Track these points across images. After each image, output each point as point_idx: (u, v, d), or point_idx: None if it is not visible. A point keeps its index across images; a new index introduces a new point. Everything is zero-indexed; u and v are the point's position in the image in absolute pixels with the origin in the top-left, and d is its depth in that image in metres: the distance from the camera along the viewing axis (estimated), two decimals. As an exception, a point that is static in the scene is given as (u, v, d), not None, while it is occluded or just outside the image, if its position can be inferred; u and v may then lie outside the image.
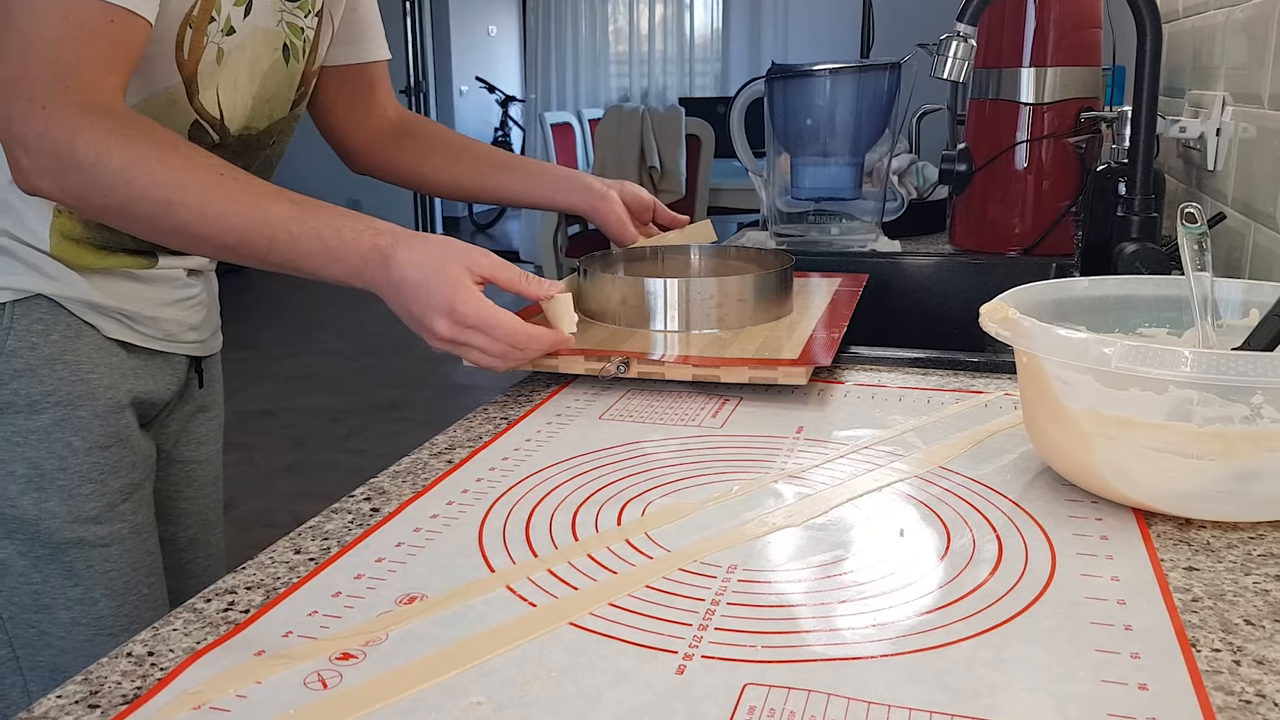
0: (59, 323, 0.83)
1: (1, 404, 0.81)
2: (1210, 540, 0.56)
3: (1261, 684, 0.43)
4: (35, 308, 0.82)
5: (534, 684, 0.43)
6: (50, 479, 0.83)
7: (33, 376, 0.82)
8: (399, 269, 0.75)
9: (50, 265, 0.82)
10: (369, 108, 1.07)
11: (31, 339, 0.82)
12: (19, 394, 0.81)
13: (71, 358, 0.83)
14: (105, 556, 0.85)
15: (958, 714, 0.41)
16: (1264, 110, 1.06)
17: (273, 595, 0.51)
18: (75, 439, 0.83)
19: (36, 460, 0.82)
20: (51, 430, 0.82)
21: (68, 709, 0.42)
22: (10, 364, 0.81)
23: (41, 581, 0.83)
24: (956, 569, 0.53)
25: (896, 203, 1.55)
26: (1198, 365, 0.53)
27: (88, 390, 0.84)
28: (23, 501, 0.82)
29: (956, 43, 1.02)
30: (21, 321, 0.81)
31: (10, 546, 0.82)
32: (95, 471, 0.84)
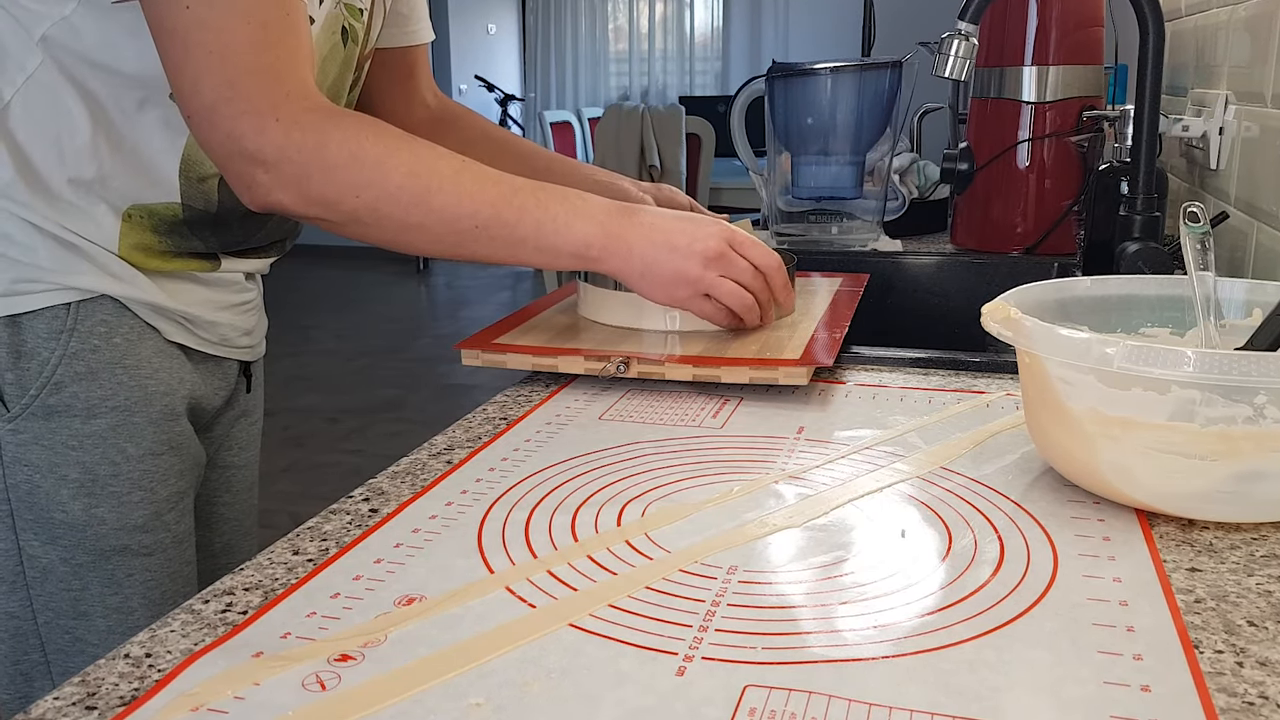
0: (122, 325, 0.82)
1: (59, 407, 0.80)
2: (1213, 541, 0.56)
3: (1264, 685, 0.43)
4: (100, 309, 0.81)
5: (533, 685, 0.43)
6: (102, 485, 0.82)
7: (93, 380, 0.81)
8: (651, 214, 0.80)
9: (118, 266, 0.81)
10: (409, 93, 1.06)
11: (94, 341, 0.81)
12: (78, 397, 0.80)
13: (132, 362, 0.82)
14: (146, 566, 0.84)
15: (959, 715, 0.41)
16: (1267, 109, 1.06)
17: (271, 596, 0.51)
18: (130, 445, 0.82)
19: (90, 465, 0.81)
20: (107, 436, 0.81)
21: (65, 710, 0.42)
22: (71, 367, 0.80)
23: (81, 588, 0.82)
24: (958, 570, 0.53)
25: (898, 202, 1.55)
26: (1201, 365, 0.53)
27: (145, 396, 0.83)
28: (73, 507, 0.81)
29: (958, 41, 1.03)
30: (85, 323, 0.80)
31: (54, 552, 0.81)
32: (146, 479, 0.84)
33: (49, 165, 0.78)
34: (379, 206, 0.74)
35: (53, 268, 0.79)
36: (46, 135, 0.78)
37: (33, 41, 0.77)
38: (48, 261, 0.79)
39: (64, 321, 0.80)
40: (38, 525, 0.81)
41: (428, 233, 0.76)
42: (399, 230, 0.76)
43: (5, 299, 0.78)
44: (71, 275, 0.80)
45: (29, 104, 0.78)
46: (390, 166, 0.74)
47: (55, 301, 0.79)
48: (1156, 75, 1.04)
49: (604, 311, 0.94)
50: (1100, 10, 1.35)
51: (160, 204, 0.82)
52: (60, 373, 0.79)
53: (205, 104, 0.71)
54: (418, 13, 1.02)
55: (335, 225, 0.77)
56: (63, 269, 0.79)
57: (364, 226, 0.76)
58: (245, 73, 0.70)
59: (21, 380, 0.79)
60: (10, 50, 0.77)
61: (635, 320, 0.91)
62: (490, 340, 0.88)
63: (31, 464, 0.80)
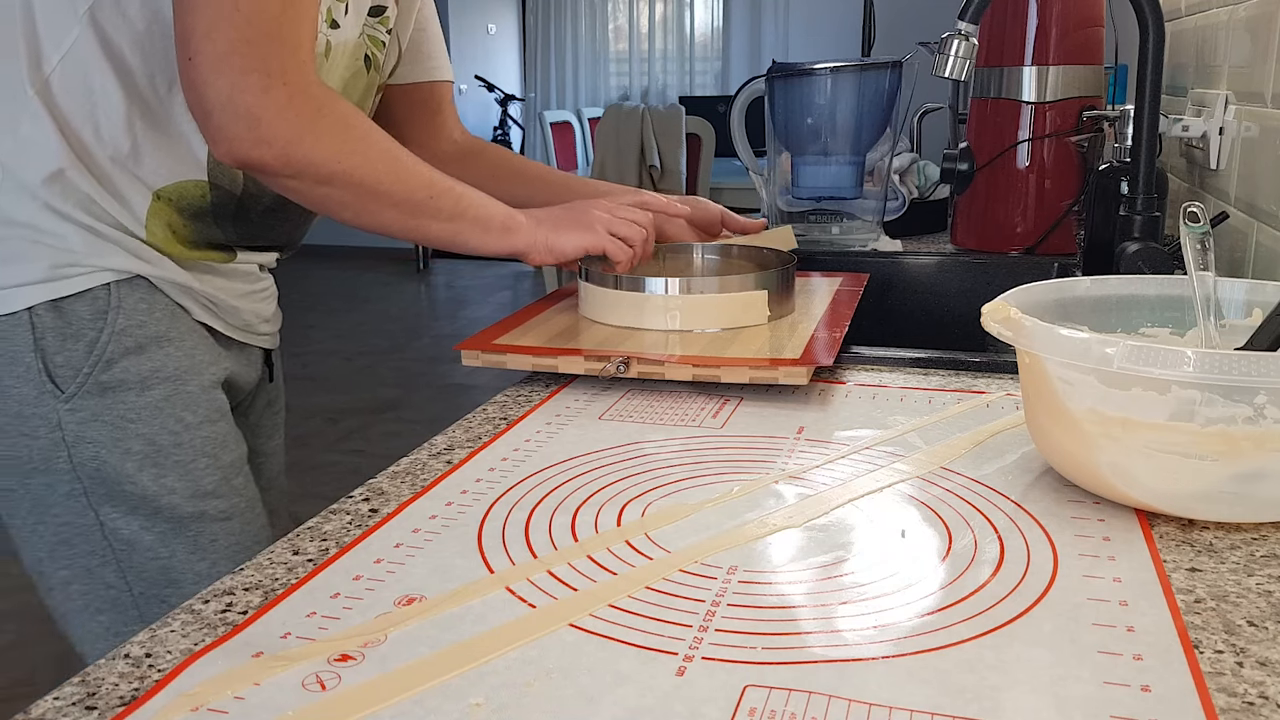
0: (158, 303, 0.86)
1: (113, 383, 0.83)
2: (1213, 541, 0.56)
3: (1264, 685, 0.43)
4: (137, 288, 0.85)
5: (533, 685, 0.43)
6: (166, 455, 0.85)
7: (141, 354, 0.84)
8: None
9: (145, 250, 0.85)
10: (435, 129, 1.11)
11: (139, 317, 0.84)
12: (130, 371, 0.83)
13: (176, 335, 0.87)
14: (228, 530, 0.88)
15: (959, 715, 0.41)
16: (1267, 109, 1.06)
17: (271, 596, 0.51)
18: (187, 414, 0.86)
19: (151, 436, 0.84)
20: (163, 406, 0.85)
21: (65, 710, 0.42)
22: (121, 342, 0.83)
23: (169, 556, 0.85)
24: (958, 570, 0.53)
25: (898, 202, 1.55)
26: (1201, 365, 0.53)
27: (193, 365, 0.87)
28: (141, 478, 0.84)
29: (958, 41, 1.02)
30: (128, 300, 0.84)
31: (134, 522, 0.84)
32: (208, 445, 0.87)
33: (89, 141, 0.82)
34: (356, 172, 0.79)
35: (86, 251, 0.82)
36: (83, 110, 0.81)
37: (77, 15, 0.80)
38: (80, 246, 0.82)
39: (105, 301, 0.83)
40: (112, 499, 0.84)
41: (390, 199, 0.82)
42: (366, 195, 0.81)
43: (46, 285, 0.81)
44: (105, 257, 0.83)
45: (66, 78, 0.81)
46: (373, 139, 0.81)
47: (94, 283, 0.83)
48: (1156, 75, 1.03)
49: (604, 311, 0.94)
50: (1100, 10, 1.35)
51: (190, 181, 0.86)
52: (110, 349, 0.83)
53: (217, 51, 0.73)
54: (438, 52, 1.09)
55: (302, 187, 0.80)
56: (95, 252, 0.83)
57: (331, 188, 0.80)
58: (265, 36, 0.74)
59: (72, 361, 0.82)
60: (53, 23, 0.81)
61: (635, 320, 0.91)
62: (490, 341, 0.88)
63: (94, 440, 0.83)
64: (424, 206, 0.84)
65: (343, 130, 0.79)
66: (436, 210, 0.85)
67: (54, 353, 0.82)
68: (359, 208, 0.83)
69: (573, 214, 0.93)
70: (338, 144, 0.78)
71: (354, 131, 0.80)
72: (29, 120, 0.81)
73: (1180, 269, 0.72)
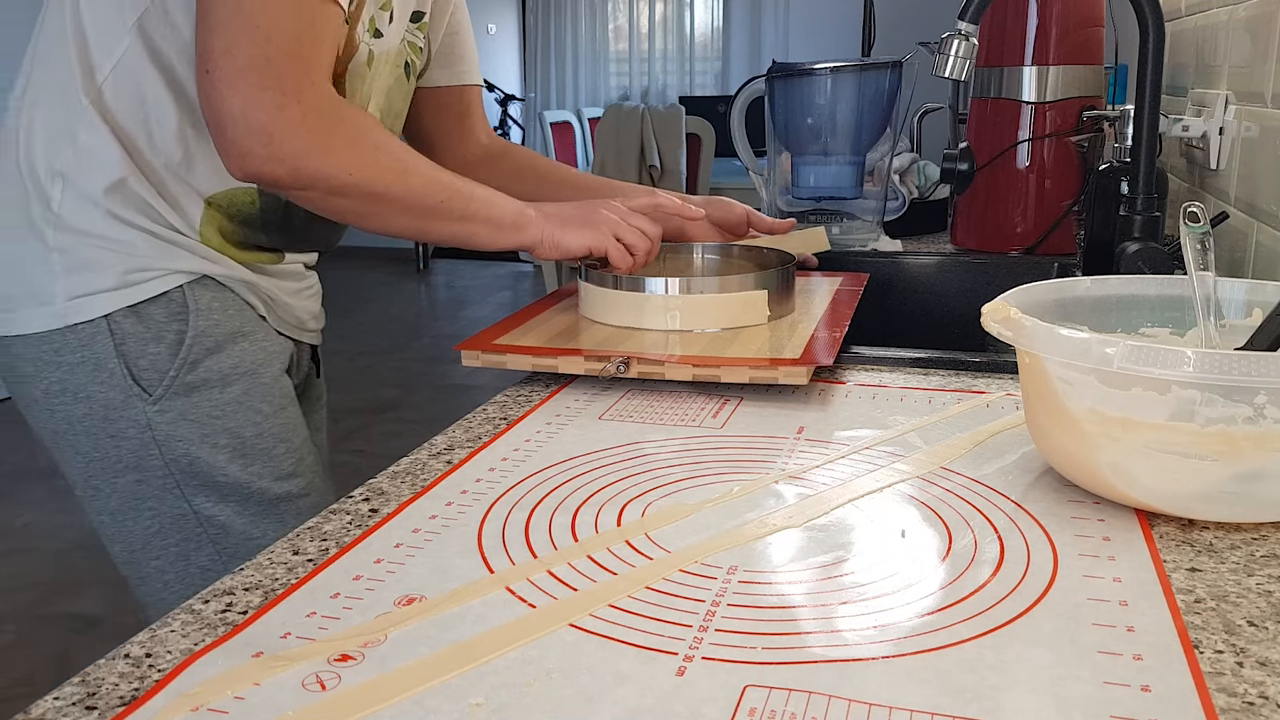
0: (227, 300, 0.90)
1: (198, 382, 0.87)
2: (1213, 541, 0.56)
3: (1264, 685, 0.43)
4: (207, 288, 0.88)
5: (533, 685, 0.43)
6: (250, 445, 0.89)
7: (220, 352, 0.88)
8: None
9: (206, 251, 0.88)
10: (462, 132, 1.13)
11: (213, 317, 0.88)
12: (211, 370, 0.87)
13: (248, 329, 0.91)
14: (311, 505, 0.93)
15: (959, 715, 0.41)
16: (1267, 109, 1.06)
17: (271, 596, 0.51)
18: (264, 405, 0.91)
19: (235, 430, 0.89)
20: (243, 400, 0.89)
21: (65, 710, 0.42)
22: (202, 344, 0.87)
23: (261, 535, 0.89)
24: (958, 570, 0.53)
25: (898, 202, 1.55)
26: (1201, 365, 0.53)
27: (265, 358, 0.92)
28: (230, 469, 0.88)
29: (958, 41, 1.02)
30: (200, 301, 0.87)
31: (227, 509, 0.89)
32: (284, 431, 0.92)
33: (144, 149, 0.84)
34: (366, 183, 0.81)
35: (154, 255, 0.85)
36: (137, 118, 0.83)
37: (126, 26, 0.82)
38: (147, 251, 0.85)
39: (181, 303, 0.86)
40: (205, 490, 0.88)
41: (400, 206, 0.85)
42: (377, 204, 0.84)
43: (122, 291, 0.84)
44: (173, 260, 0.86)
45: (118, 88, 0.83)
46: (384, 150, 0.83)
47: (168, 286, 0.86)
48: (1156, 75, 1.03)
49: (604, 311, 0.94)
50: (1100, 10, 1.35)
51: (239, 189, 0.88)
52: (194, 352, 0.86)
53: (235, 67, 0.75)
54: (469, 56, 1.10)
55: (315, 197, 0.82)
56: (163, 256, 0.86)
57: (343, 199, 0.82)
58: (283, 54, 0.76)
59: (156, 364, 0.85)
60: (103, 34, 0.83)
61: (635, 320, 0.91)
62: (490, 341, 0.88)
63: (184, 438, 0.87)
64: (435, 210, 0.86)
65: (353, 144, 0.80)
66: (447, 213, 0.87)
67: (137, 356, 0.85)
68: (371, 215, 0.85)
69: (582, 213, 0.94)
70: (348, 157, 0.80)
71: (364, 144, 0.81)
72: (86, 130, 0.83)
73: (1180, 269, 0.72)
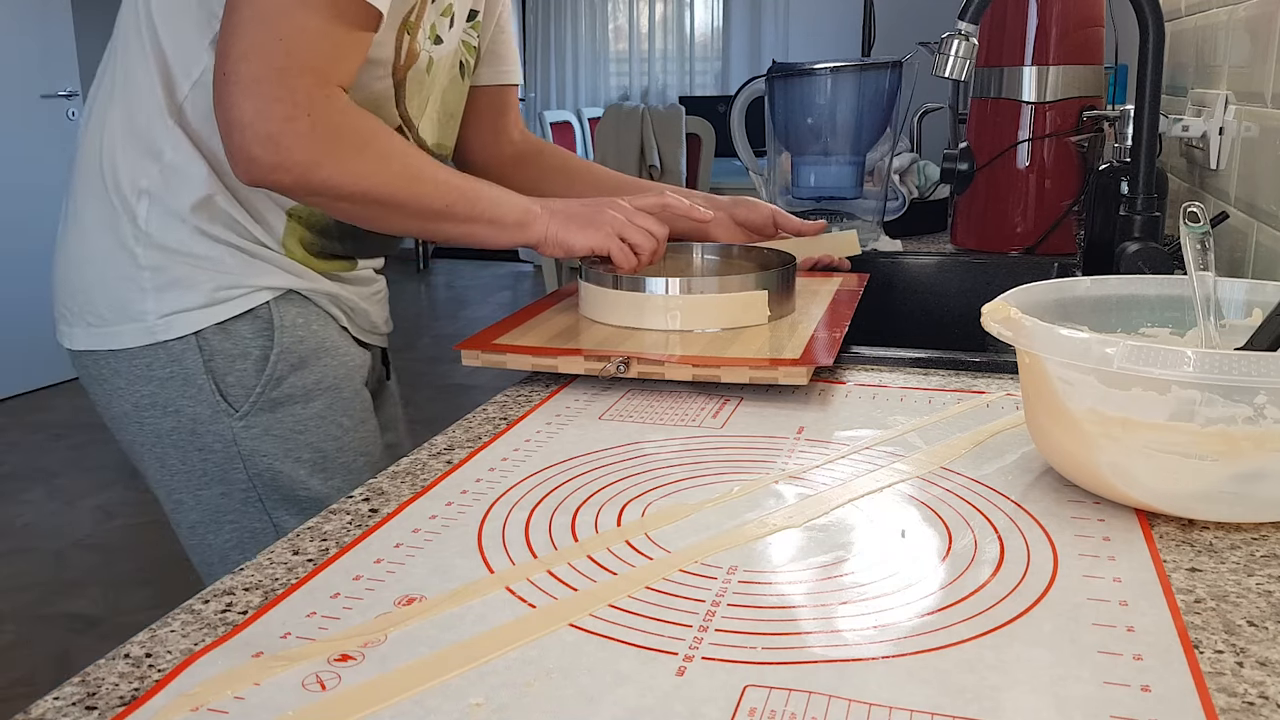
0: (311, 315, 0.91)
1: (282, 398, 0.89)
2: (1213, 541, 0.56)
3: (1264, 685, 0.43)
4: (292, 303, 0.90)
5: (533, 685, 0.43)
6: (331, 460, 0.91)
7: (304, 368, 0.90)
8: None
9: (291, 264, 0.91)
10: (498, 130, 1.14)
11: (298, 333, 0.90)
12: (296, 386, 0.89)
13: (330, 344, 0.92)
14: None
15: (959, 715, 0.41)
16: (1267, 109, 1.06)
17: (271, 596, 0.51)
18: (344, 419, 0.92)
19: (317, 444, 0.90)
20: (325, 415, 0.91)
21: (65, 710, 0.42)
22: (286, 360, 0.89)
23: None
24: (958, 570, 0.53)
25: (898, 202, 1.55)
26: (1201, 365, 0.53)
27: (346, 373, 0.93)
28: (312, 483, 0.90)
29: (958, 41, 1.02)
30: (285, 317, 0.89)
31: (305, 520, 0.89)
32: (363, 445, 0.95)
33: (227, 165, 0.82)
34: (372, 191, 0.82)
35: (243, 271, 0.87)
36: (216, 136, 0.82)
37: (204, 44, 0.84)
38: (236, 267, 0.87)
39: (266, 320, 0.88)
40: (286, 504, 0.90)
41: (406, 210, 0.85)
42: (383, 209, 0.84)
43: (211, 309, 0.86)
44: (259, 276, 0.88)
45: (198, 105, 0.85)
46: (392, 157, 0.83)
47: (255, 303, 0.88)
48: (1156, 75, 1.03)
49: (604, 311, 0.94)
50: (1100, 10, 1.35)
51: None
52: (279, 368, 0.88)
53: (251, 74, 0.75)
54: (512, 55, 1.11)
55: (321, 203, 0.84)
56: (251, 271, 0.87)
57: (349, 205, 0.83)
58: (299, 67, 0.76)
59: (243, 380, 0.87)
60: (182, 52, 0.84)
61: (635, 320, 0.91)
62: (490, 340, 0.88)
63: (268, 453, 0.89)
64: (441, 213, 0.87)
65: (360, 152, 0.81)
66: (454, 215, 0.87)
67: (224, 373, 0.87)
68: (378, 219, 0.87)
69: (587, 211, 0.93)
70: (354, 167, 0.80)
71: (371, 152, 0.82)
72: (171, 148, 0.85)
73: (1180, 269, 0.72)
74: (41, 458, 3.33)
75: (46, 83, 4.00)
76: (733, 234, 1.15)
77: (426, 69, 0.90)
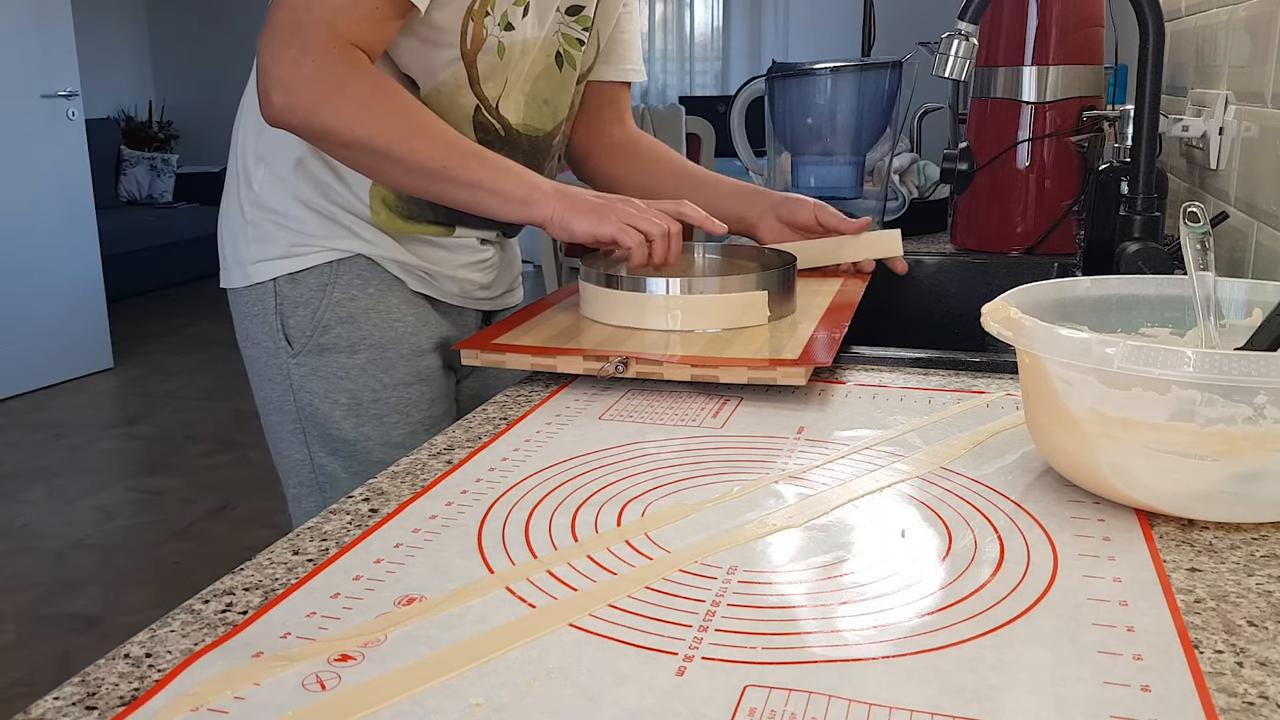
0: (374, 278, 1.01)
1: (329, 344, 1.00)
2: (1213, 541, 0.56)
3: (1264, 685, 0.43)
4: (355, 266, 1.01)
5: (533, 685, 0.43)
6: (365, 408, 1.01)
7: (352, 323, 1.00)
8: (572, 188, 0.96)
9: (369, 231, 1.00)
10: (605, 122, 1.19)
11: (352, 291, 1.00)
12: (342, 337, 1.00)
13: (384, 308, 1.01)
14: None
15: (959, 716, 0.41)
16: (1267, 109, 1.06)
17: (271, 596, 0.51)
18: (385, 376, 1.01)
19: (355, 392, 1.01)
20: (366, 368, 1.01)
21: (65, 710, 0.42)
22: (335, 312, 1.00)
23: None
24: (958, 570, 0.53)
25: (898, 202, 1.55)
26: (1201, 365, 0.53)
27: (395, 336, 1.02)
28: (345, 425, 1.01)
29: (958, 41, 1.02)
30: (344, 277, 1.00)
31: (335, 462, 1.02)
32: (402, 404, 1.03)
33: None
34: (370, 140, 0.89)
35: (319, 234, 0.99)
36: None
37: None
38: (316, 229, 0.99)
39: (328, 276, 1.00)
40: (322, 440, 1.02)
41: (405, 165, 0.90)
42: (383, 161, 0.91)
43: (285, 260, 1.00)
44: (333, 240, 1.00)
45: None
46: (395, 111, 0.90)
47: (321, 261, 1.00)
48: (1156, 75, 1.03)
49: (604, 311, 0.94)
50: (1100, 10, 1.35)
51: None
52: (327, 317, 1.00)
53: (274, 22, 0.87)
54: (634, 55, 1.17)
55: (330, 149, 0.93)
56: (326, 235, 1.00)
57: (351, 151, 0.91)
58: (315, 21, 0.86)
59: (300, 324, 1.00)
60: None
61: (636, 320, 0.91)
62: (490, 340, 0.88)
63: (313, 390, 1.01)
64: (440, 174, 0.91)
65: (364, 104, 0.88)
66: (452, 178, 0.91)
67: (289, 316, 1.00)
68: (381, 172, 0.94)
69: (598, 202, 0.95)
70: (354, 114, 0.88)
71: (375, 103, 0.89)
72: None
73: (1180, 269, 0.72)
74: (42, 458, 3.32)
75: (46, 83, 4.00)
76: (779, 233, 1.15)
77: (498, 53, 0.96)
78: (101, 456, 3.31)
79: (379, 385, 1.01)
